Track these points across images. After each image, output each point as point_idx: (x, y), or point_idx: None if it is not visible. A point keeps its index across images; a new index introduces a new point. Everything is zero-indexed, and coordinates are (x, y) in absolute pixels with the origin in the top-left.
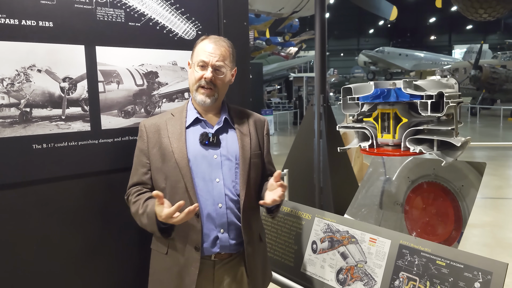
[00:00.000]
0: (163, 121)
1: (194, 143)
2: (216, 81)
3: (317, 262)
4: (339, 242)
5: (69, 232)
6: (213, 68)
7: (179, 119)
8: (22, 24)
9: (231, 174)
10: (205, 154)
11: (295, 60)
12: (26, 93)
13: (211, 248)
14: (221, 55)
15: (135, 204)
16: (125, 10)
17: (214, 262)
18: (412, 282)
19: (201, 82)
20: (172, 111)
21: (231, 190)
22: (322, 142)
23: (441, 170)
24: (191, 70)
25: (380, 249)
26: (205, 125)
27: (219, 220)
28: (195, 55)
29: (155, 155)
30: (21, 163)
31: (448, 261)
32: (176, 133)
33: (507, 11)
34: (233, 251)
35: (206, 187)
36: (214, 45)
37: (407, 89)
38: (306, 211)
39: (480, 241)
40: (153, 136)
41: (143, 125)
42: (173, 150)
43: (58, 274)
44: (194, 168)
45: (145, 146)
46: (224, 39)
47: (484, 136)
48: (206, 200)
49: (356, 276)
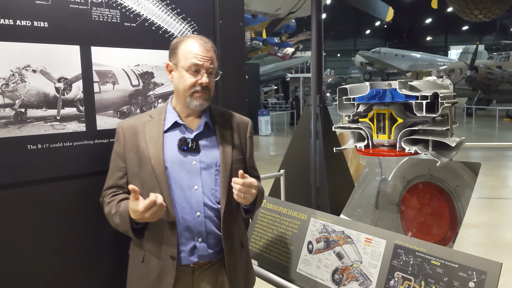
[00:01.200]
0: (141, 124)
1: (172, 148)
2: (210, 84)
3: (313, 262)
4: (334, 242)
5: (64, 232)
6: (207, 71)
7: (157, 122)
8: (17, 24)
9: (210, 181)
10: (184, 160)
11: (292, 60)
12: (21, 93)
13: (189, 257)
14: (211, 57)
15: (109, 205)
16: (120, 11)
17: (193, 269)
18: (407, 282)
19: (196, 87)
20: (150, 113)
21: (210, 198)
22: (318, 143)
23: (436, 170)
24: (179, 74)
25: (375, 249)
26: (185, 129)
27: (196, 229)
28: (183, 58)
29: (132, 159)
30: (16, 164)
31: (442, 261)
32: (153, 137)
33: (502, 12)
34: (213, 259)
35: (183, 195)
36: (203, 47)
37: (402, 89)
38: (302, 211)
39: (475, 241)
40: (130, 139)
41: (120, 127)
42: (150, 155)
43: (53, 274)
44: (172, 175)
45: (122, 149)
46: (206, 38)
47: (480, 136)
48: (184, 209)
49: (352, 276)
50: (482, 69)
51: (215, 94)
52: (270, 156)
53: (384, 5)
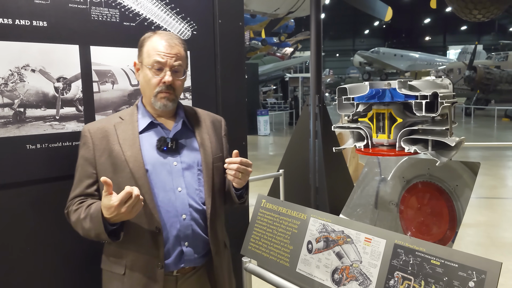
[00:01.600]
0: (111, 126)
1: (151, 149)
2: (175, 83)
3: (313, 262)
4: (334, 242)
5: (63, 232)
6: (171, 69)
7: (130, 123)
8: (16, 23)
9: (194, 182)
10: (164, 162)
11: (291, 60)
12: (20, 93)
13: (175, 263)
14: (177, 53)
15: (76, 212)
16: (120, 10)
17: (176, 278)
18: (407, 282)
19: (160, 87)
20: (120, 114)
21: (195, 200)
22: (317, 142)
23: (435, 170)
24: (144, 72)
25: (375, 249)
26: (161, 129)
27: (183, 233)
28: (146, 56)
29: (103, 164)
30: (15, 164)
31: (442, 261)
32: (128, 139)
33: (501, 12)
34: (198, 264)
35: (167, 198)
36: (167, 43)
37: (402, 89)
38: (301, 211)
39: (474, 240)
40: (100, 142)
41: (87, 130)
42: (126, 159)
43: (51, 274)
44: (153, 178)
45: (91, 154)
46: (174, 35)
47: (478, 136)
48: (168, 212)
49: (351, 276)
50: (481, 69)
51: (215, 94)
52: (269, 156)
53: (383, 5)
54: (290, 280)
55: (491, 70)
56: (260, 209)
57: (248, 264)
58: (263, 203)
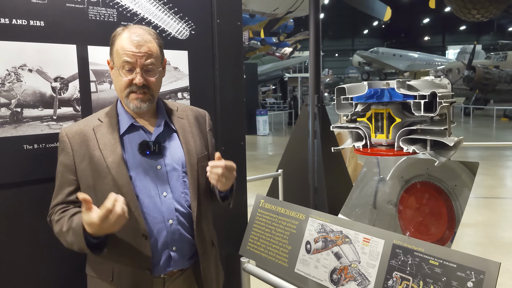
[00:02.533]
0: (90, 129)
1: (133, 154)
2: (149, 82)
3: (311, 262)
4: (333, 242)
5: None
6: (141, 69)
7: (110, 126)
8: (13, 23)
9: (179, 185)
10: (148, 167)
11: (290, 60)
12: (17, 93)
13: (163, 268)
14: (147, 51)
15: (58, 223)
16: (117, 10)
17: (164, 280)
18: (406, 282)
19: (131, 87)
20: (98, 116)
21: (181, 203)
22: (316, 142)
23: (434, 170)
24: (115, 73)
25: (373, 249)
26: (143, 132)
27: (170, 238)
28: (116, 54)
29: (84, 171)
30: (12, 164)
31: (441, 261)
32: (108, 143)
33: (500, 12)
34: (186, 266)
35: (153, 204)
36: (137, 40)
37: (400, 89)
38: (300, 211)
39: (473, 240)
40: (79, 148)
41: (65, 135)
42: (108, 165)
43: (50, 274)
44: (137, 184)
45: (71, 160)
46: (146, 29)
47: (477, 136)
48: (155, 218)
49: (350, 276)
50: (480, 69)
51: (213, 93)
52: (268, 156)
53: (382, 5)
54: (288, 280)
55: (490, 70)
56: (259, 209)
57: (247, 265)
58: (261, 203)
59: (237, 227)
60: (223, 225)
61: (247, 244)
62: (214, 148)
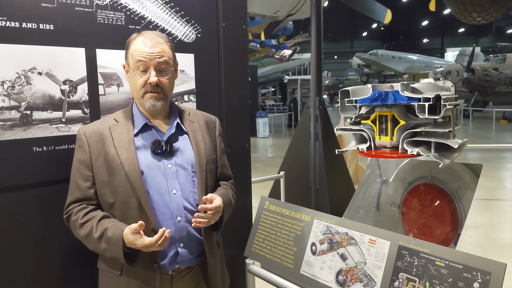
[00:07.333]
0: (106, 128)
1: (145, 152)
2: (162, 82)
3: (317, 263)
4: (338, 244)
5: (70, 235)
6: (155, 69)
7: (125, 125)
8: (23, 26)
9: (188, 184)
10: (159, 165)
11: (290, 62)
12: (26, 95)
13: (170, 264)
14: (161, 52)
15: (85, 226)
16: (125, 13)
17: (171, 277)
18: (412, 283)
19: (146, 87)
20: (115, 116)
21: (189, 201)
22: (318, 144)
23: (437, 172)
24: (130, 75)
25: (379, 250)
26: (156, 132)
27: (178, 234)
28: (131, 57)
29: (100, 167)
30: (21, 166)
31: (447, 262)
32: (123, 142)
33: (500, 15)
34: (193, 264)
35: (162, 200)
36: (150, 42)
37: (404, 92)
38: (305, 213)
39: (474, 242)
40: (96, 145)
41: (82, 133)
42: (122, 162)
43: (56, 276)
44: (148, 181)
45: (87, 157)
46: (158, 33)
47: (477, 138)
48: (163, 215)
49: (356, 278)
50: (479, 71)
51: (219, 96)
52: (268, 158)
53: (382, 8)
54: (294, 282)
55: (489, 72)
56: (264, 211)
57: (252, 266)
58: (266, 205)
59: (242, 229)
60: (227, 227)
61: (252, 245)
62: (222, 153)
